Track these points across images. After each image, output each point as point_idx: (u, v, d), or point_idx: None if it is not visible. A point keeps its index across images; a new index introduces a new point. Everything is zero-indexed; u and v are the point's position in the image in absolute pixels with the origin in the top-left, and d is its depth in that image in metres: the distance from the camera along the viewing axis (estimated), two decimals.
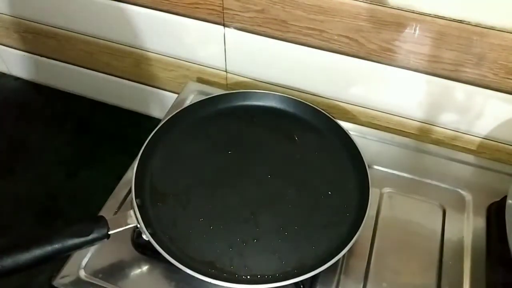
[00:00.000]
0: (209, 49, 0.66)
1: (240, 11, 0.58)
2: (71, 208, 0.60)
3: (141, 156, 0.55)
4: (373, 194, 0.53)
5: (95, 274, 0.49)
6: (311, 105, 0.62)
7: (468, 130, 0.62)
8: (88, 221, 0.47)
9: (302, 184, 0.56)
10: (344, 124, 0.61)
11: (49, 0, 0.68)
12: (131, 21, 0.65)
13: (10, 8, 0.73)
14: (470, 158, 0.62)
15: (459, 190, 0.59)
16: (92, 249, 0.51)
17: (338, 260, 0.47)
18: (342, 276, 0.50)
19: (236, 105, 0.63)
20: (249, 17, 0.58)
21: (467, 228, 0.55)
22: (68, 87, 0.82)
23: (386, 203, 0.57)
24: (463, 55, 0.52)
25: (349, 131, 0.59)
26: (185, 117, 0.61)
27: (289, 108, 0.63)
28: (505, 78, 0.53)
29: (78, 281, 0.49)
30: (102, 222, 0.47)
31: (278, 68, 0.64)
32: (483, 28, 0.49)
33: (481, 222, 0.55)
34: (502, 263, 0.51)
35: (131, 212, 0.49)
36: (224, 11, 0.59)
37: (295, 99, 0.62)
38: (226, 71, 0.68)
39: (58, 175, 0.63)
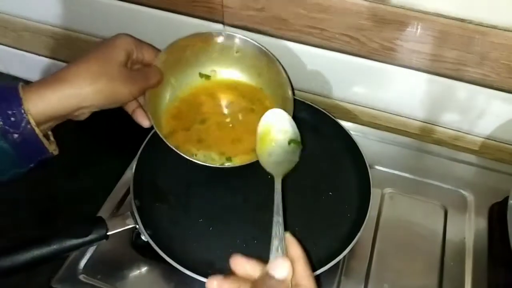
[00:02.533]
0: None
1: (240, 9, 0.57)
2: (70, 209, 0.60)
3: (140, 156, 0.55)
4: (375, 194, 0.53)
5: (93, 275, 0.49)
6: (311, 105, 0.62)
7: (470, 130, 0.61)
8: (87, 221, 0.47)
9: (302, 184, 0.55)
10: (345, 124, 0.61)
11: None
12: (130, 20, 0.65)
13: (8, 7, 0.73)
14: (472, 158, 0.62)
15: (461, 191, 0.58)
16: (90, 250, 0.51)
17: (339, 261, 0.47)
18: (343, 277, 0.50)
19: None
20: (249, 15, 0.58)
21: (469, 228, 0.55)
22: None
23: (388, 204, 0.57)
24: (465, 54, 0.52)
25: (350, 131, 0.59)
26: None
27: None
28: (507, 77, 0.53)
29: (77, 282, 0.49)
30: (100, 223, 0.47)
31: None
32: (485, 27, 0.49)
33: (483, 223, 0.55)
34: (504, 264, 0.50)
35: (130, 212, 0.49)
36: (224, 9, 0.58)
37: (295, 99, 0.61)
38: None
39: (57, 176, 0.63)
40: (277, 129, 0.51)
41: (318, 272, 0.45)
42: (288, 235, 0.40)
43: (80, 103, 0.41)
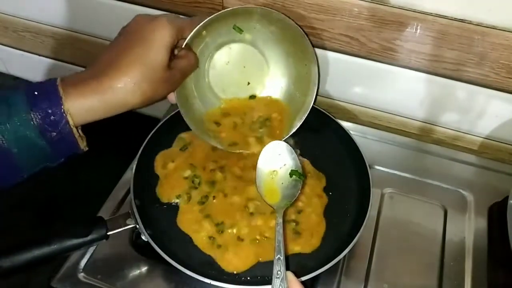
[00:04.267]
0: None
1: None
2: (70, 209, 0.60)
3: (140, 156, 0.55)
4: (374, 194, 0.53)
5: (93, 275, 0.49)
6: None
7: (470, 130, 0.61)
8: (87, 221, 0.47)
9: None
10: (345, 124, 0.61)
11: None
12: (130, 20, 0.65)
13: (9, 7, 0.73)
14: (471, 158, 0.62)
15: (461, 191, 0.58)
16: (91, 250, 0.51)
17: (339, 261, 0.47)
18: (343, 277, 0.50)
19: None
20: None
21: (468, 228, 0.55)
22: None
23: (387, 204, 0.57)
24: (464, 54, 0.52)
25: (350, 131, 0.59)
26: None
27: None
28: (506, 77, 0.53)
29: (77, 282, 0.48)
30: (101, 223, 0.47)
31: None
32: (485, 28, 0.49)
33: (483, 223, 0.55)
34: (503, 264, 0.50)
35: (130, 212, 0.49)
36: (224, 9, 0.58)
37: None
38: None
39: (57, 176, 0.63)
40: (277, 164, 0.52)
41: (319, 272, 0.45)
42: (290, 275, 0.40)
43: (124, 109, 0.41)
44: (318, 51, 0.59)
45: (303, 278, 0.44)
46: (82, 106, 0.39)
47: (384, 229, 0.54)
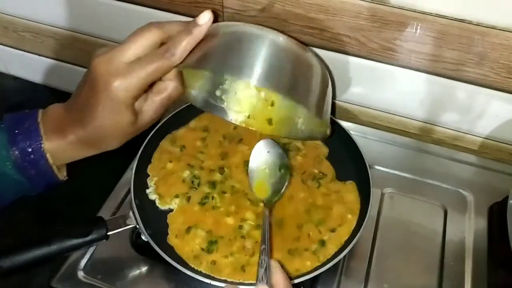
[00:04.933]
0: None
1: (240, 10, 0.58)
2: (70, 209, 0.60)
3: (140, 156, 0.55)
4: (374, 194, 0.53)
5: (93, 274, 0.49)
6: None
7: (470, 130, 0.61)
8: (87, 221, 0.47)
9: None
10: (345, 124, 0.61)
11: None
12: (130, 20, 0.65)
13: (9, 7, 0.73)
14: (471, 158, 0.62)
15: (461, 191, 0.58)
16: (91, 250, 0.51)
17: (339, 261, 0.47)
18: (342, 277, 0.50)
19: None
20: (249, 16, 0.58)
21: (468, 228, 0.55)
22: (67, 87, 0.82)
23: (387, 204, 0.57)
24: (464, 54, 0.52)
25: (350, 131, 0.59)
26: (184, 116, 0.60)
27: None
28: (506, 77, 0.53)
29: (77, 282, 0.49)
30: (100, 223, 0.47)
31: None
32: (485, 28, 0.49)
33: (483, 223, 0.55)
34: (503, 264, 0.50)
35: (130, 212, 0.49)
36: (224, 9, 0.58)
37: None
38: None
39: None
40: (267, 162, 0.53)
41: (318, 272, 0.45)
42: (273, 263, 0.42)
43: (105, 150, 0.42)
44: (318, 51, 0.59)
45: (303, 278, 0.45)
46: (62, 153, 0.40)
47: (384, 229, 0.54)
